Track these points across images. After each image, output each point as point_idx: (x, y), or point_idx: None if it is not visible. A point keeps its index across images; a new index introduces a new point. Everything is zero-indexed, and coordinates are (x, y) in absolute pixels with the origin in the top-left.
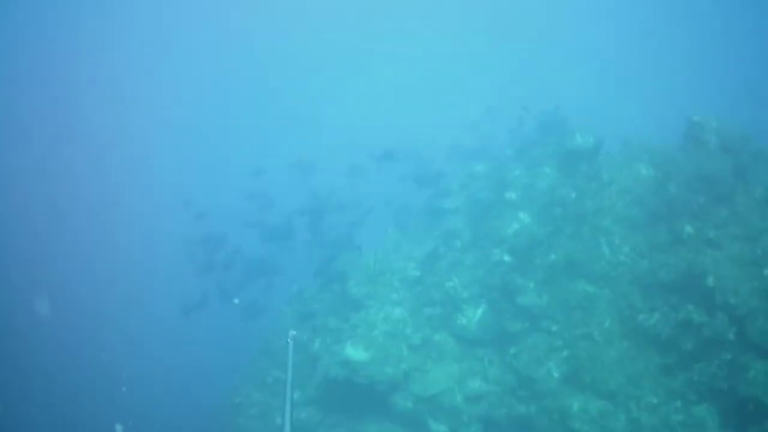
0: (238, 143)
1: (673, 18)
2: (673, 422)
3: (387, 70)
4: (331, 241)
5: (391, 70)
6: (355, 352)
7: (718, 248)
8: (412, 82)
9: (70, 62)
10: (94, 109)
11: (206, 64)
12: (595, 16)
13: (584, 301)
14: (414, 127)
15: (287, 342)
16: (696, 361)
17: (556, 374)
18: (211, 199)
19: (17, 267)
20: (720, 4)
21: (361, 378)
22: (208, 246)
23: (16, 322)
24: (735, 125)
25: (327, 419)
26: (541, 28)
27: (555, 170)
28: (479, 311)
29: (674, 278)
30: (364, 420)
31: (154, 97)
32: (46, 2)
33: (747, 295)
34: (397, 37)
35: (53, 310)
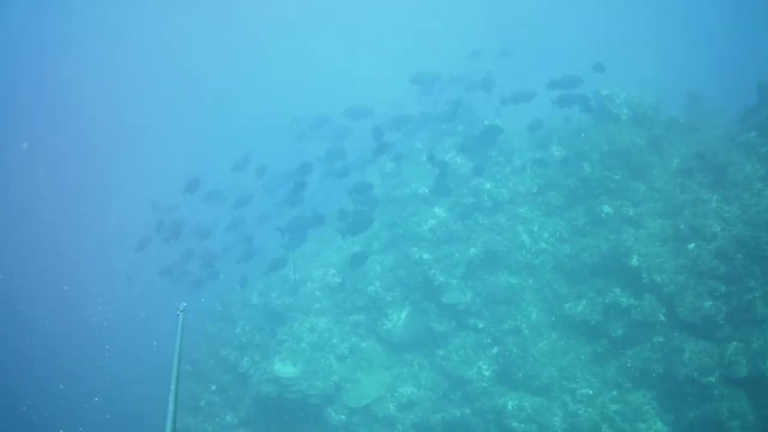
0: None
1: None
2: (611, 413)
3: None
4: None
5: None
6: (284, 368)
7: (639, 226)
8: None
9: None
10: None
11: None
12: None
13: (509, 293)
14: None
15: (177, 315)
16: (628, 346)
17: (487, 373)
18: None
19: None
20: None
21: (292, 394)
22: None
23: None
24: (645, 95)
25: None
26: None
27: (466, 159)
28: (404, 314)
29: (598, 261)
30: None
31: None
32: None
33: (673, 272)
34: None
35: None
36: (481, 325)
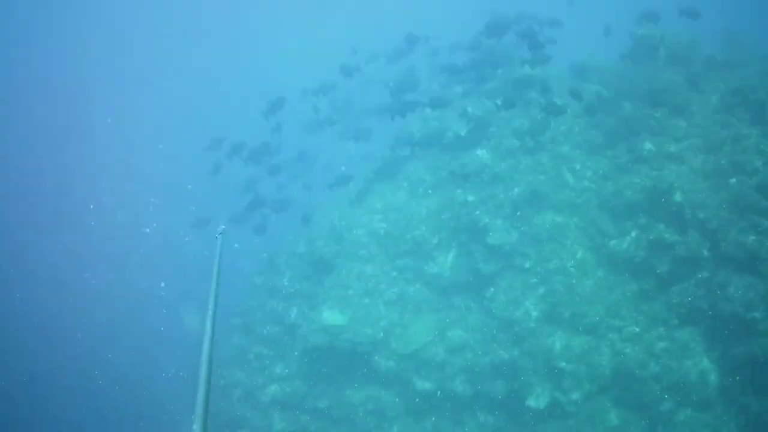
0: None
1: None
2: (658, 350)
3: None
4: None
5: None
6: (333, 316)
7: (681, 162)
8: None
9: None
10: None
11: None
12: None
13: (554, 232)
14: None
15: (216, 238)
16: (673, 283)
17: (534, 313)
18: None
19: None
20: None
21: (341, 342)
22: None
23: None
24: (682, 34)
25: (312, 390)
26: None
27: (506, 101)
28: (450, 256)
29: (641, 198)
30: (349, 385)
31: None
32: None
33: (716, 208)
34: None
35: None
36: (527, 265)
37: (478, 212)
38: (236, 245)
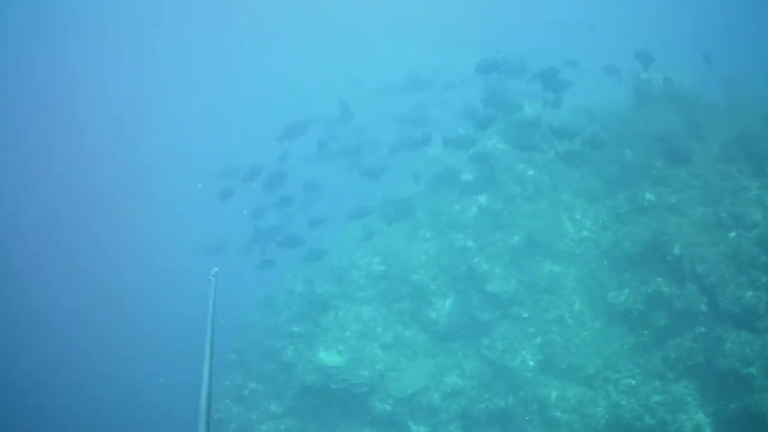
0: None
1: None
2: (653, 403)
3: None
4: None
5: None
6: (329, 357)
7: (681, 214)
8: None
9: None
10: None
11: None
12: None
13: (552, 282)
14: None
15: (209, 280)
16: (670, 337)
17: (531, 362)
18: None
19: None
20: None
21: (337, 383)
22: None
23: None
24: (685, 79)
25: (307, 429)
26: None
27: (509, 146)
28: (448, 303)
29: (640, 249)
30: (344, 426)
31: None
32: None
33: (715, 262)
34: None
35: None
36: (525, 315)
37: (476, 259)
38: (237, 277)
